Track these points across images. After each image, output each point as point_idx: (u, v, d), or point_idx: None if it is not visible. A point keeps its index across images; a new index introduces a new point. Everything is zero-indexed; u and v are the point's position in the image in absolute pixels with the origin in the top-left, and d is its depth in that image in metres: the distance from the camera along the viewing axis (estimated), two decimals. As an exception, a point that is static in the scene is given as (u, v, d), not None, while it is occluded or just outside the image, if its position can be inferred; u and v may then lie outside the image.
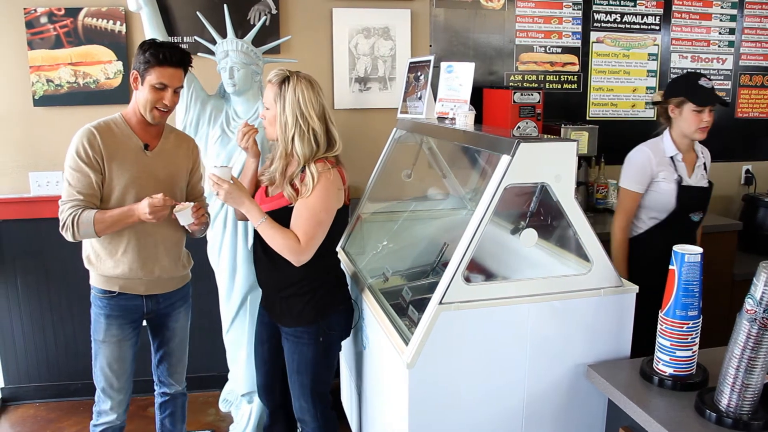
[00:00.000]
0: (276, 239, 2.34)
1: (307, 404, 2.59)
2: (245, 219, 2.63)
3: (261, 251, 2.51)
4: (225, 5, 3.27)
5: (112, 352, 2.57)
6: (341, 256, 3.11)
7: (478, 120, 2.84)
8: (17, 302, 3.76)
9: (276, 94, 2.38)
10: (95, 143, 2.40)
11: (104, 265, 2.51)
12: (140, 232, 2.49)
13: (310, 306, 2.48)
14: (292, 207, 2.37)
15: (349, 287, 2.78)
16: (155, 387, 2.84)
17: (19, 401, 3.88)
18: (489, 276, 2.69)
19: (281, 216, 2.37)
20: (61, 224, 2.40)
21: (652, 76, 4.30)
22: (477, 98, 3.71)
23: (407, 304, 2.48)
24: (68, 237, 2.41)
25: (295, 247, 2.33)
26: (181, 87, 2.50)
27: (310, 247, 2.35)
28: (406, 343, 2.14)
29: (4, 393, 3.87)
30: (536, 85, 4.13)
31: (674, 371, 1.99)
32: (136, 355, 2.66)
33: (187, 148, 2.68)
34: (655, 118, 4.33)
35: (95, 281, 2.56)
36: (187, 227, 2.54)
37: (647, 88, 4.31)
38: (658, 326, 2.02)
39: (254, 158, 2.59)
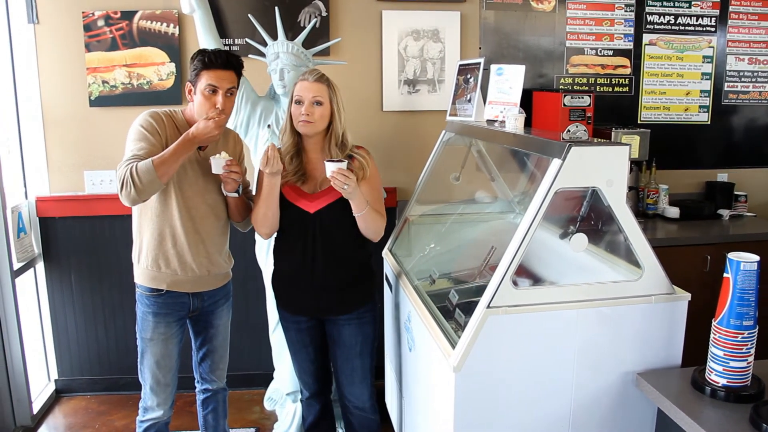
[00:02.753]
0: (377, 221, 2.54)
1: (367, 388, 2.73)
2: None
3: (322, 254, 2.53)
4: (276, 8, 3.30)
5: (160, 349, 2.60)
6: (388, 257, 3.12)
7: (527, 123, 2.82)
8: (71, 298, 3.87)
9: (330, 91, 2.50)
10: (161, 121, 2.45)
11: (149, 259, 2.53)
12: (188, 226, 2.52)
13: (366, 285, 2.70)
14: None
15: (393, 287, 2.85)
16: (196, 384, 2.88)
17: (72, 393, 3.98)
18: (537, 280, 2.66)
19: (345, 201, 2.46)
20: (119, 185, 2.29)
21: (706, 79, 4.21)
22: (526, 101, 3.68)
23: (454, 307, 2.47)
24: (131, 194, 2.28)
25: (384, 223, 2.59)
26: (234, 88, 2.48)
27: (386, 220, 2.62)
28: (453, 347, 2.14)
29: (57, 385, 3.98)
30: (587, 88, 4.08)
31: (728, 382, 1.95)
32: (181, 351, 2.70)
33: (234, 145, 2.70)
34: (708, 122, 4.25)
35: (142, 279, 2.57)
36: (224, 191, 2.54)
37: (701, 91, 4.22)
38: (711, 335, 1.98)
39: (278, 175, 2.50)
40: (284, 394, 3.50)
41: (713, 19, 4.14)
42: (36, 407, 3.68)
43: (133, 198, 2.31)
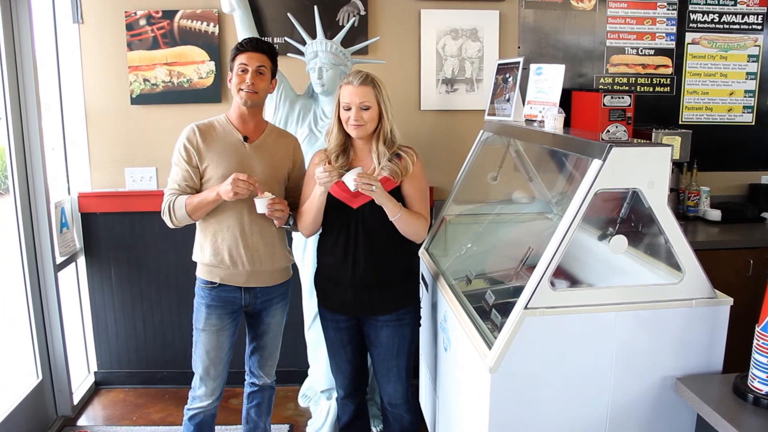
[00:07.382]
0: (414, 223, 2.55)
1: (402, 387, 2.73)
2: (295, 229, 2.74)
3: (363, 249, 2.55)
4: (315, 7, 3.32)
5: (210, 340, 2.69)
6: (424, 256, 3.12)
7: (566, 123, 2.79)
8: (111, 292, 3.93)
9: (376, 93, 2.52)
10: (194, 139, 2.61)
11: (205, 254, 2.64)
12: (238, 221, 2.61)
13: (409, 287, 2.72)
14: (397, 186, 2.55)
15: (429, 286, 2.86)
16: (246, 377, 2.94)
17: (111, 385, 4.05)
18: (574, 282, 2.63)
19: (393, 196, 2.51)
20: (162, 211, 2.62)
21: (751, 79, 4.12)
22: (565, 101, 3.64)
23: (490, 308, 2.46)
24: (168, 222, 2.62)
25: (425, 225, 2.60)
26: (263, 67, 2.60)
27: (429, 222, 2.64)
28: (489, 347, 2.13)
29: (97, 377, 4.05)
30: (627, 87, 4.02)
31: (771, 389, 1.91)
32: (234, 344, 2.77)
33: (287, 145, 2.76)
34: (753, 123, 4.16)
35: (200, 272, 2.70)
36: (276, 226, 2.66)
37: (745, 91, 4.14)
38: (754, 341, 1.94)
39: (326, 189, 2.53)
40: (318, 391, 3.53)
41: (760, 16, 4.05)
42: (76, 398, 3.76)
43: (170, 225, 2.64)
